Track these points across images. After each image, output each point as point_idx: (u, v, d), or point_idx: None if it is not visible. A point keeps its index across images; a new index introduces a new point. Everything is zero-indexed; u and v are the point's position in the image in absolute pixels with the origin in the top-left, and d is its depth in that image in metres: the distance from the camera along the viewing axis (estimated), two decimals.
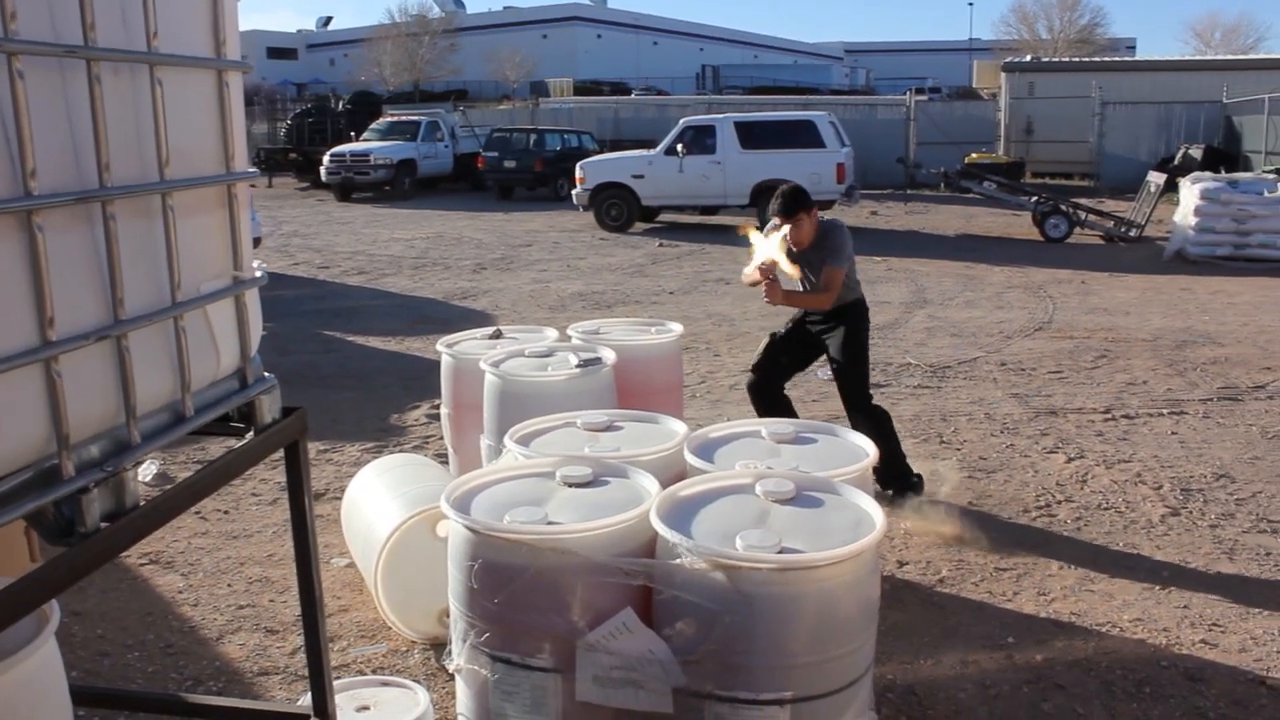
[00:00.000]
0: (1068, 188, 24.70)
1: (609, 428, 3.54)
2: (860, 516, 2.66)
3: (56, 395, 1.61)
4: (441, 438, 5.73)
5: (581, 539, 2.56)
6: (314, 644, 2.49)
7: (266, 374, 2.31)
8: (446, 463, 5.39)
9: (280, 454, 2.38)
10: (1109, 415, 7.11)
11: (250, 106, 41.03)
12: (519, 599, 2.59)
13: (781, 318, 6.00)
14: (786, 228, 5.23)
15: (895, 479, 5.38)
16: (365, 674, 3.82)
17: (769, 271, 5.24)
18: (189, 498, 2.01)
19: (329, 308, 11.76)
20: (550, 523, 2.63)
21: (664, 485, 2.89)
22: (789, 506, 2.71)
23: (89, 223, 1.72)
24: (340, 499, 5.09)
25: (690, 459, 3.12)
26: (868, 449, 3.21)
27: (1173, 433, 6.71)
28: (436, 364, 5.26)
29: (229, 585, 4.64)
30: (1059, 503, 5.52)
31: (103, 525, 1.75)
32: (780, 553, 2.42)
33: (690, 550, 2.43)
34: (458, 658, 2.80)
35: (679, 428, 3.47)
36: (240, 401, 2.17)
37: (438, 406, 6.01)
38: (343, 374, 8.69)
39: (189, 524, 5.24)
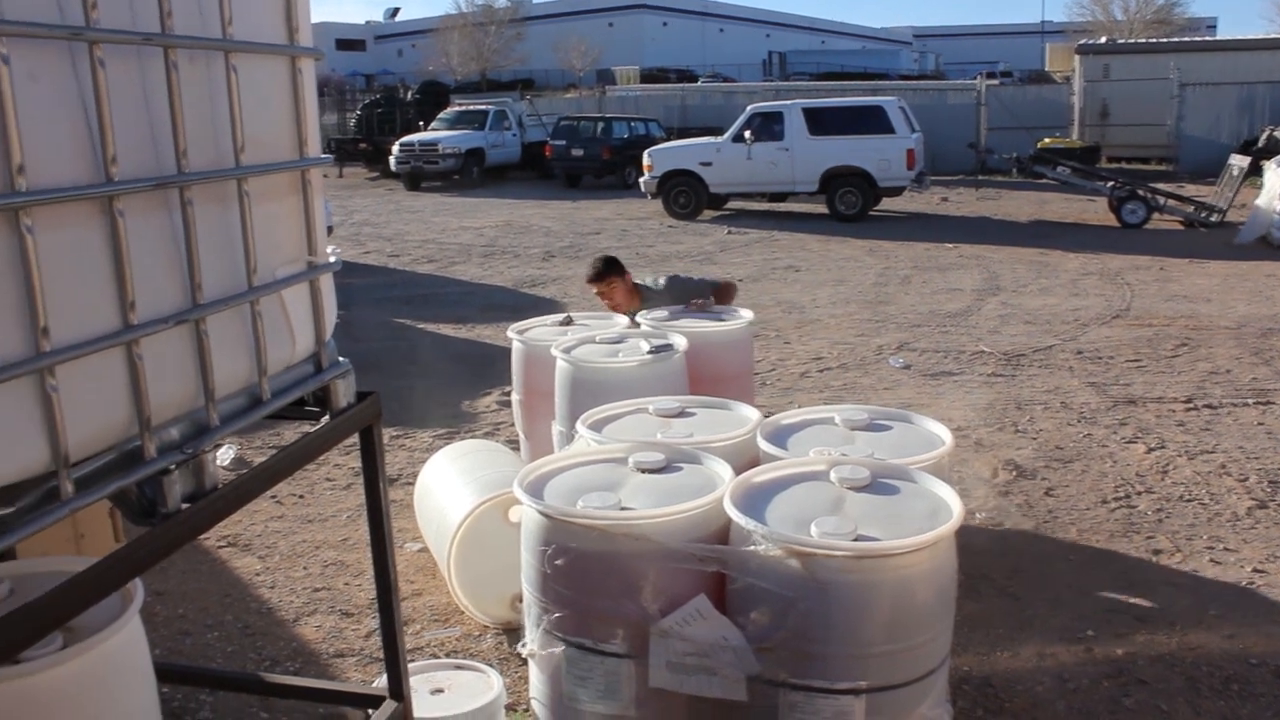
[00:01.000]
0: (1145, 172, 24.14)
1: (681, 414, 3.51)
2: (937, 505, 2.61)
3: (138, 378, 1.63)
4: (512, 424, 5.75)
5: (655, 525, 2.54)
6: (389, 627, 2.51)
7: (341, 358, 2.33)
8: (518, 449, 5.41)
9: (354, 439, 2.40)
10: (1191, 405, 6.93)
11: (320, 97, 41.30)
12: (592, 584, 2.58)
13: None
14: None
15: None
16: (439, 657, 3.85)
17: None
18: (266, 480, 2.03)
19: (400, 295, 11.87)
20: (624, 508, 2.61)
21: (737, 471, 2.86)
22: (864, 494, 2.67)
23: (167, 208, 1.73)
24: (413, 484, 5.13)
25: (763, 445, 3.09)
26: (944, 436, 3.15)
27: (1259, 423, 6.52)
28: (507, 351, 5.28)
29: (305, 568, 4.70)
30: (1139, 494, 5.39)
31: (183, 506, 1.77)
32: (856, 540, 2.38)
33: (765, 537, 2.40)
34: (531, 642, 2.80)
35: (751, 414, 3.43)
36: (315, 386, 2.19)
37: (508, 393, 6.03)
38: (414, 361, 8.77)
39: (265, 508, 5.31)
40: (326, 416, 2.26)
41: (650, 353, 4.28)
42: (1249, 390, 7.25)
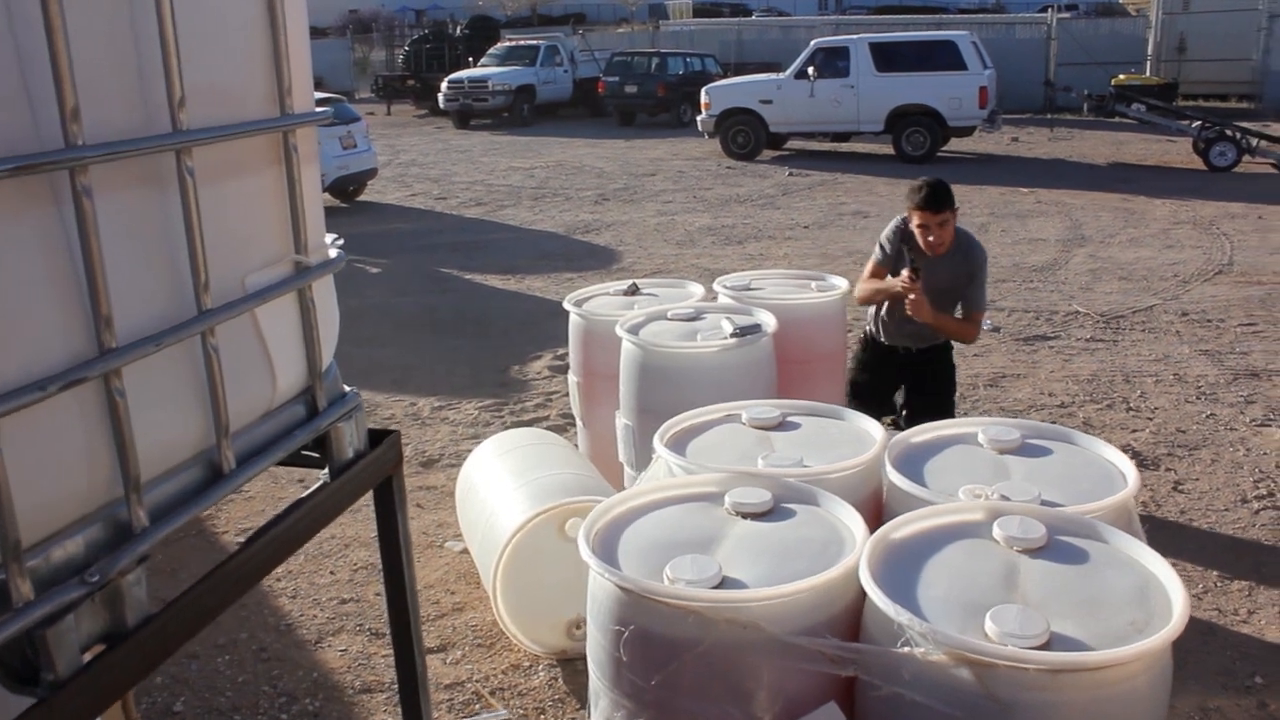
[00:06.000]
0: (1226, 110, 22.85)
1: (782, 424, 2.83)
2: (1144, 579, 1.94)
3: None
4: (566, 394, 5.13)
5: (769, 608, 1.89)
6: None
7: (348, 389, 1.70)
8: (572, 426, 4.80)
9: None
10: None
11: (368, 33, 40.77)
12: (683, 681, 1.94)
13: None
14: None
15: None
16: (481, 695, 3.29)
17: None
18: (225, 593, 1.41)
19: (446, 242, 11.24)
20: (725, 580, 1.96)
21: (860, 508, 2.22)
22: (1042, 560, 2.01)
23: (54, 202, 1.10)
24: (455, 467, 4.56)
25: (896, 479, 2.39)
26: (1123, 469, 2.45)
27: None
28: (559, 307, 4.64)
29: (332, 572, 4.14)
30: None
31: (86, 660, 1.16)
32: (1047, 644, 1.73)
33: (924, 636, 1.75)
34: None
35: (874, 430, 2.72)
36: (308, 437, 1.56)
37: (561, 357, 5.42)
38: (460, 318, 8.15)
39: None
40: (327, 470, 1.64)
41: (734, 334, 3.61)
42: None
